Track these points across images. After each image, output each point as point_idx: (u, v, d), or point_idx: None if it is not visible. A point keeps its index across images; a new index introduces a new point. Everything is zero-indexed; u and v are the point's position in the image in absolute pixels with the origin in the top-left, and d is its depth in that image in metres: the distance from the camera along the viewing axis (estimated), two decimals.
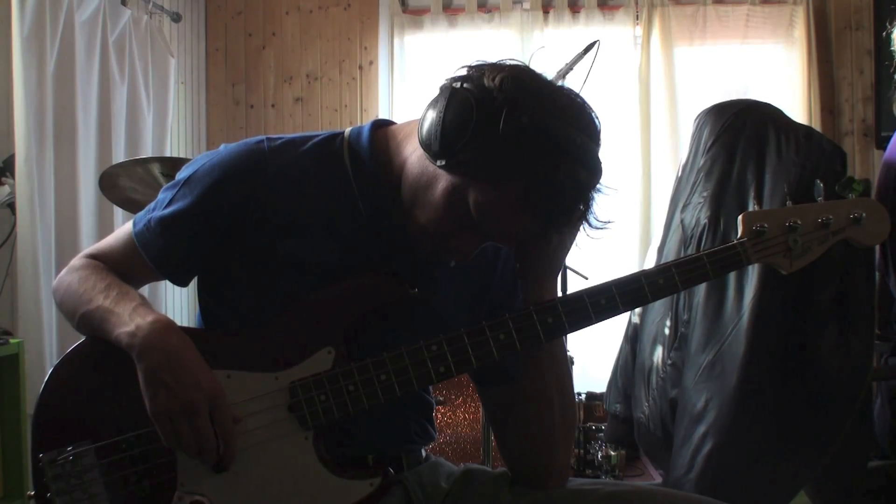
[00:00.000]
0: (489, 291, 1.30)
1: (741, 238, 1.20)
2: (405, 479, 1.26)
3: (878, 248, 2.42)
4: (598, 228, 1.14)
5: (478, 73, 1.08)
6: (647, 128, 4.11)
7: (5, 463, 2.43)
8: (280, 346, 1.17)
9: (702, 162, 2.55)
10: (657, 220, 3.76)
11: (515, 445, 1.29)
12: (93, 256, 1.27)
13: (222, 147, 1.23)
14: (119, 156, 3.40)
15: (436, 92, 1.11)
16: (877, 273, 2.48)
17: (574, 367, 3.00)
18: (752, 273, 2.25)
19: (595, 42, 2.44)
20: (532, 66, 1.11)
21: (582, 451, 3.33)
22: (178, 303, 4.08)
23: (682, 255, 2.06)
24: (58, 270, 2.74)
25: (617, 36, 4.14)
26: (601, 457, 3.30)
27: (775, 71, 4.15)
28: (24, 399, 2.46)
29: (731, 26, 4.13)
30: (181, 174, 1.23)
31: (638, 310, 2.85)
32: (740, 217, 1.21)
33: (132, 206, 2.64)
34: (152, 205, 1.25)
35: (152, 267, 1.23)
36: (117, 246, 1.27)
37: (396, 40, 4.27)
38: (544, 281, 1.22)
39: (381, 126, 1.26)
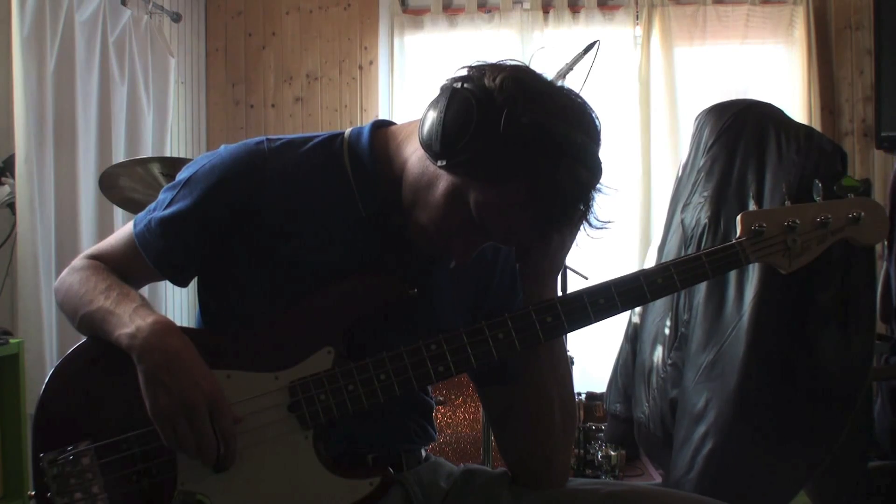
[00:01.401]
0: (488, 291, 1.30)
1: (740, 238, 1.20)
2: (405, 479, 1.26)
3: (884, 244, 2.43)
4: (598, 228, 1.14)
5: (478, 73, 1.08)
6: (647, 128, 4.11)
7: (5, 463, 2.43)
8: (280, 345, 1.17)
9: (702, 162, 2.55)
10: (657, 220, 3.77)
11: (515, 445, 1.29)
12: (94, 257, 1.27)
13: (222, 148, 1.24)
14: (119, 156, 3.40)
15: (436, 92, 1.11)
16: (884, 268, 2.49)
17: (574, 367, 3.00)
18: (753, 273, 2.25)
19: (595, 42, 2.44)
20: (532, 67, 1.11)
21: (582, 451, 3.33)
22: (178, 303, 4.08)
23: (682, 254, 2.06)
24: (58, 270, 2.75)
25: (617, 36, 4.14)
26: (601, 457, 3.30)
27: (775, 71, 4.15)
28: (24, 399, 2.46)
29: (731, 26, 4.13)
30: (181, 175, 1.23)
31: (638, 309, 2.86)
32: (739, 217, 1.21)
33: (132, 206, 2.64)
34: (153, 205, 1.25)
35: (153, 267, 1.23)
36: (118, 246, 1.27)
37: (396, 40, 4.27)
38: (544, 281, 1.22)
39: (382, 127, 1.26)
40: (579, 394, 3.60)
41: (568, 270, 2.94)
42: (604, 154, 1.10)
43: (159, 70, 3.81)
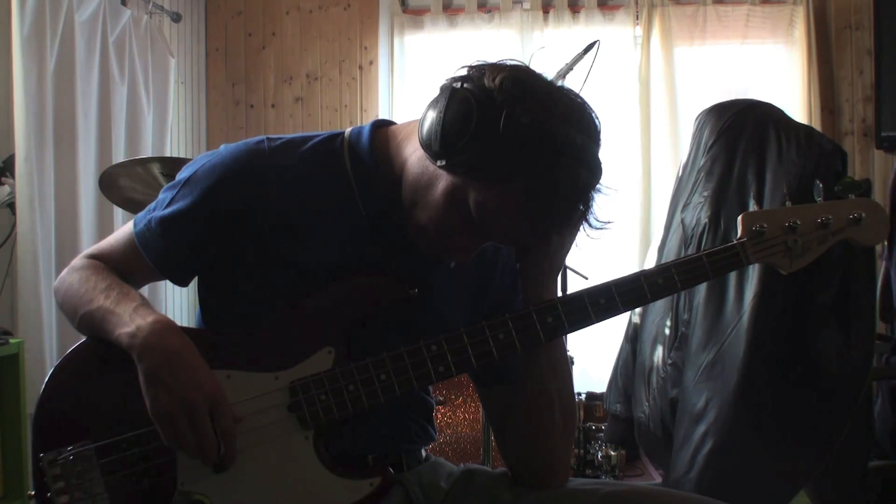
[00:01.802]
0: (489, 291, 1.30)
1: (741, 238, 1.20)
2: (405, 479, 1.26)
3: (884, 244, 2.43)
4: (598, 228, 1.14)
5: (478, 73, 1.08)
6: (647, 128, 4.11)
7: (5, 463, 2.43)
8: (280, 345, 1.17)
9: (702, 161, 2.55)
10: (657, 220, 3.77)
11: (515, 445, 1.29)
12: (94, 256, 1.27)
13: (222, 147, 1.23)
14: (119, 156, 3.40)
15: (436, 92, 1.11)
16: (884, 268, 2.49)
17: (574, 367, 3.00)
18: (753, 273, 2.25)
19: (595, 42, 2.45)
20: (532, 67, 1.11)
21: (582, 451, 3.33)
22: (178, 303, 4.08)
23: (682, 254, 2.06)
24: (58, 270, 2.75)
25: (617, 36, 4.13)
26: (601, 457, 3.30)
27: (775, 71, 4.15)
28: (24, 399, 2.46)
29: (731, 26, 4.13)
30: (181, 174, 1.23)
31: (638, 310, 2.86)
32: (739, 217, 1.21)
33: (132, 206, 2.64)
34: (153, 205, 1.25)
35: (153, 267, 1.23)
36: (118, 246, 1.27)
37: (396, 40, 4.27)
38: (544, 281, 1.22)
39: (382, 126, 1.26)
40: (579, 394, 3.60)
41: (568, 270, 2.94)
42: (604, 154, 1.10)
43: (159, 70, 3.81)
